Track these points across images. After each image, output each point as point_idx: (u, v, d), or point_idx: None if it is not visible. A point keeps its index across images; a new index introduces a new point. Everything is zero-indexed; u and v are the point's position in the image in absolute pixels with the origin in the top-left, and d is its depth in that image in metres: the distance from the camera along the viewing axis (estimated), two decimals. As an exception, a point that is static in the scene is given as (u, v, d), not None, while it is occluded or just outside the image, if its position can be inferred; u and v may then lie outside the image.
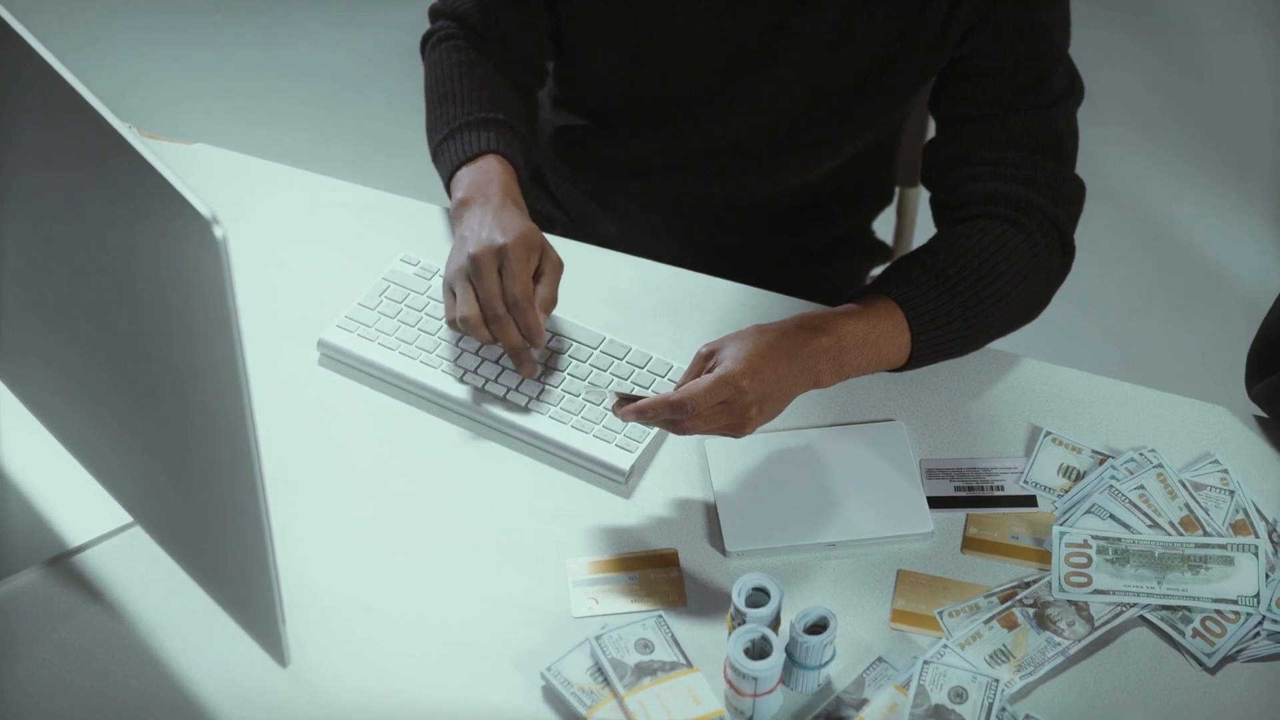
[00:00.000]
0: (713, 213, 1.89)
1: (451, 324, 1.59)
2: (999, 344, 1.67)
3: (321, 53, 3.35)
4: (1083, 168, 1.71)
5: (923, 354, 1.60)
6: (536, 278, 1.60)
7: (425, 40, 1.83)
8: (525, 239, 1.59)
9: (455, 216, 1.65)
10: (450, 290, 1.60)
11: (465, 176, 1.67)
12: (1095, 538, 1.50)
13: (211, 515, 1.27)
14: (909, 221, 2.10)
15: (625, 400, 1.49)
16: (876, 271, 2.06)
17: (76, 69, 1.13)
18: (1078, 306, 2.88)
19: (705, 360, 1.50)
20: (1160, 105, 3.29)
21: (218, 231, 1.04)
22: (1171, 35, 3.42)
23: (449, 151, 1.70)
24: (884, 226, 2.07)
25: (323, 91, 3.28)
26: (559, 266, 1.62)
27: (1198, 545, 1.49)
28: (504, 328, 1.57)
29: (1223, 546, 1.49)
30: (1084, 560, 1.49)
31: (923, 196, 1.97)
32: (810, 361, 1.52)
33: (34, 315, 1.35)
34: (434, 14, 1.83)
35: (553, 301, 1.60)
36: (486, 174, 1.67)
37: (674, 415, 1.46)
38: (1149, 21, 3.43)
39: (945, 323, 1.59)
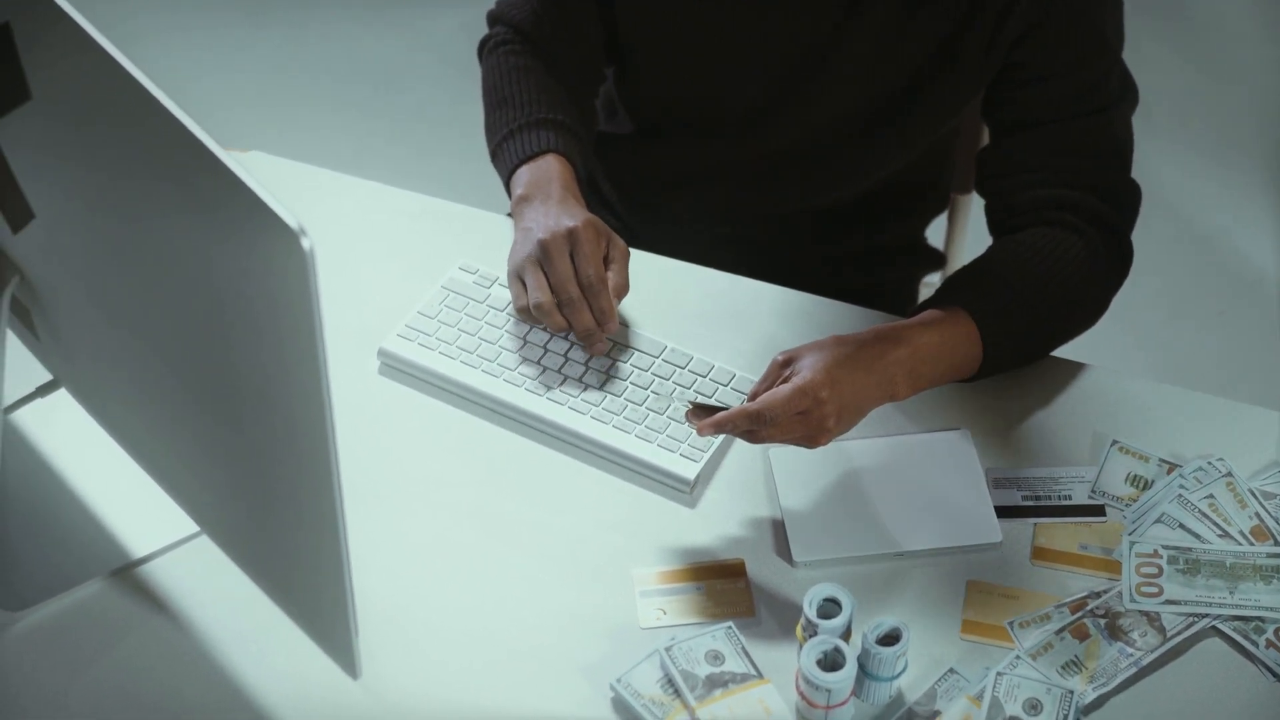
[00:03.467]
0: (766, 220, 1.88)
1: (522, 312, 1.59)
2: (1061, 352, 1.66)
3: (360, 56, 3.35)
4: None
5: (993, 363, 1.59)
6: (606, 264, 1.60)
7: (482, 45, 1.83)
8: (593, 223, 1.59)
9: (516, 212, 1.65)
10: (518, 279, 1.59)
11: (525, 174, 1.67)
12: (1166, 548, 1.48)
13: (285, 525, 1.26)
14: (960, 228, 2.09)
15: (699, 411, 1.48)
16: (930, 278, 2.05)
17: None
18: (1119, 311, 2.85)
19: (781, 369, 1.49)
20: (1199, 109, 3.27)
21: (305, 243, 1.03)
22: (1209, 39, 3.40)
23: (508, 151, 1.70)
24: (935, 233, 2.06)
25: (362, 95, 3.27)
26: (626, 253, 1.62)
27: (1269, 555, 1.48)
28: (578, 310, 1.57)
29: (1294, 556, 1.48)
30: (1155, 570, 1.47)
31: (975, 203, 1.96)
32: (887, 374, 1.51)
33: (105, 321, 1.34)
34: (491, 20, 1.84)
35: (625, 287, 1.60)
36: (546, 172, 1.66)
37: (752, 426, 1.45)
38: (1185, 25, 3.41)
39: (1015, 332, 1.58)
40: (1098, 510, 1.54)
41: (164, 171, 1.12)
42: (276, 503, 1.24)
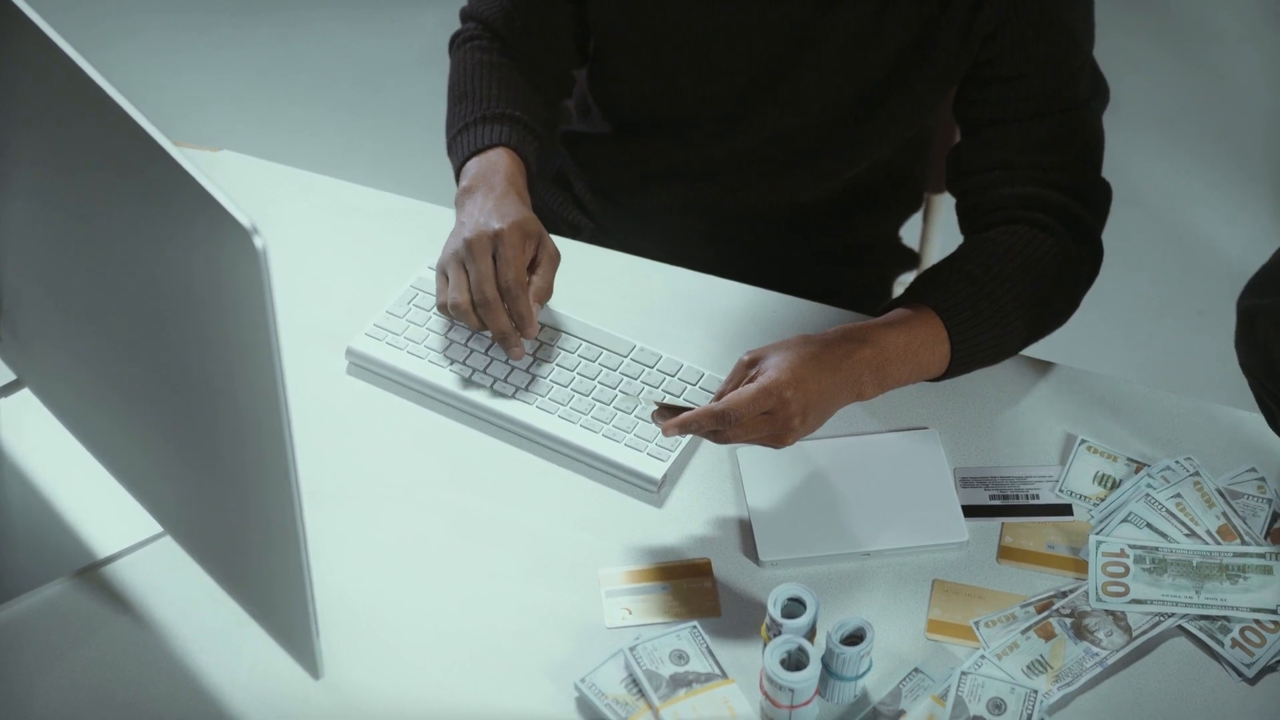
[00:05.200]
0: (740, 218, 1.88)
1: (441, 308, 1.60)
2: (1031, 351, 1.66)
3: (341, 56, 3.35)
4: (1104, 170, 1.70)
5: (961, 363, 1.58)
6: (533, 268, 1.60)
7: (452, 41, 1.83)
8: (521, 226, 1.59)
9: (457, 203, 1.66)
10: (443, 274, 1.60)
11: (472, 166, 1.68)
12: (1132, 547, 1.48)
13: (245, 525, 1.26)
14: (935, 227, 2.09)
15: (665, 411, 1.48)
16: (905, 277, 2.05)
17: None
18: (1099, 310, 2.85)
19: (747, 368, 1.49)
20: (1180, 108, 3.27)
21: (258, 242, 1.03)
22: (1190, 38, 3.41)
23: (461, 143, 1.71)
24: (910, 233, 2.06)
25: (343, 95, 3.27)
26: (555, 257, 1.62)
27: (1236, 554, 1.48)
28: (493, 312, 1.57)
29: (1261, 555, 1.48)
30: (1121, 570, 1.47)
31: (949, 202, 1.96)
32: (854, 373, 1.51)
33: (66, 321, 1.34)
34: (463, 16, 1.84)
35: (548, 292, 1.60)
36: (493, 165, 1.67)
37: (717, 426, 1.45)
38: (1168, 24, 3.42)
39: (983, 331, 1.58)
40: (1065, 509, 1.54)
41: (119, 170, 1.12)
42: (235, 502, 1.24)
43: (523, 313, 1.57)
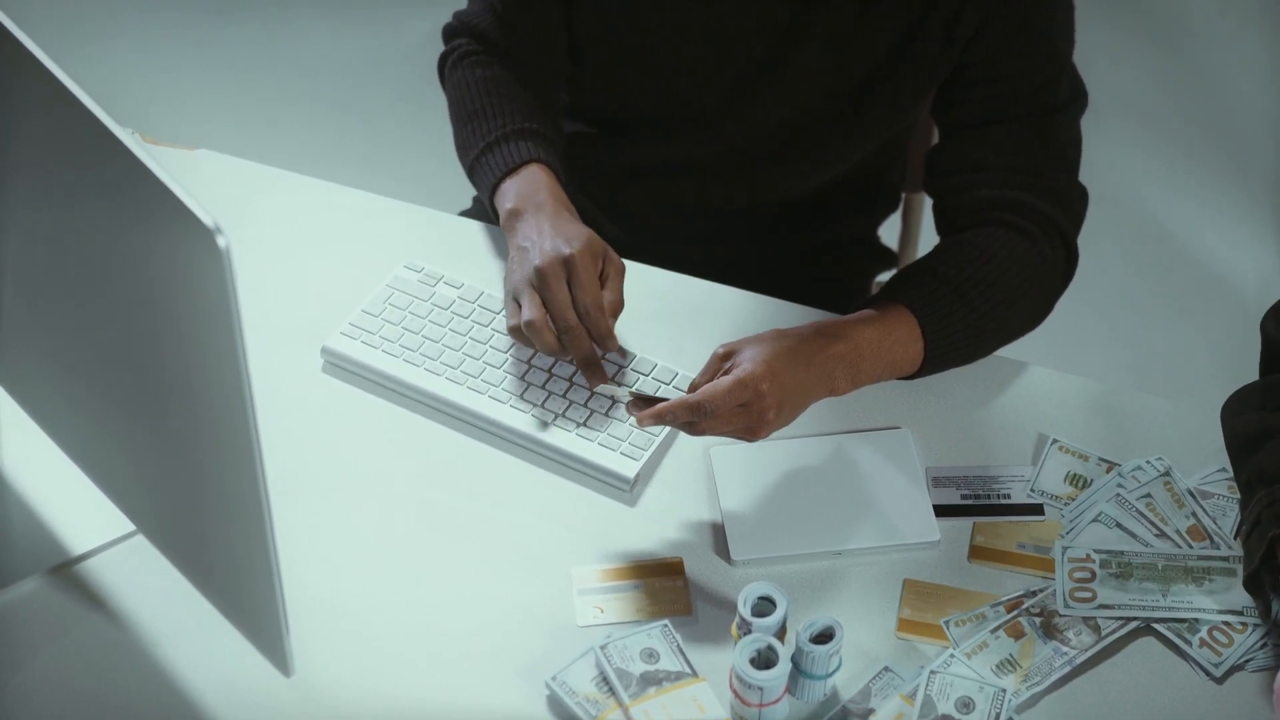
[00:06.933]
0: (720, 217, 1.88)
1: (514, 332, 1.56)
2: (1005, 350, 1.67)
3: (324, 55, 3.35)
4: (1084, 168, 1.70)
5: (934, 361, 1.59)
6: (601, 283, 1.58)
7: (443, 60, 1.81)
8: (589, 247, 1.57)
9: (507, 228, 1.63)
10: (514, 301, 1.57)
11: (511, 187, 1.66)
12: (1098, 552, 1.49)
13: (214, 523, 1.26)
14: (914, 227, 2.10)
15: (640, 402, 1.48)
16: (882, 277, 2.06)
17: (75, 70, 1.12)
18: (1080, 308, 2.86)
19: (722, 361, 1.50)
20: (1162, 104, 3.28)
21: (221, 241, 1.03)
22: (1173, 34, 3.41)
23: (488, 165, 1.69)
24: (889, 232, 2.07)
25: (325, 94, 3.27)
26: (622, 270, 1.60)
27: (1200, 557, 1.48)
28: (576, 338, 1.55)
29: (1225, 559, 1.48)
30: (1087, 575, 1.48)
31: (928, 202, 1.96)
32: (827, 368, 1.52)
33: (36, 321, 1.34)
34: (450, 33, 1.82)
35: (620, 305, 1.58)
36: (533, 182, 1.65)
37: (692, 417, 1.45)
38: (1150, 20, 3.42)
39: (957, 330, 1.59)
40: (1036, 509, 1.54)
41: (84, 168, 1.12)
42: (203, 500, 1.24)
43: (603, 333, 1.55)
